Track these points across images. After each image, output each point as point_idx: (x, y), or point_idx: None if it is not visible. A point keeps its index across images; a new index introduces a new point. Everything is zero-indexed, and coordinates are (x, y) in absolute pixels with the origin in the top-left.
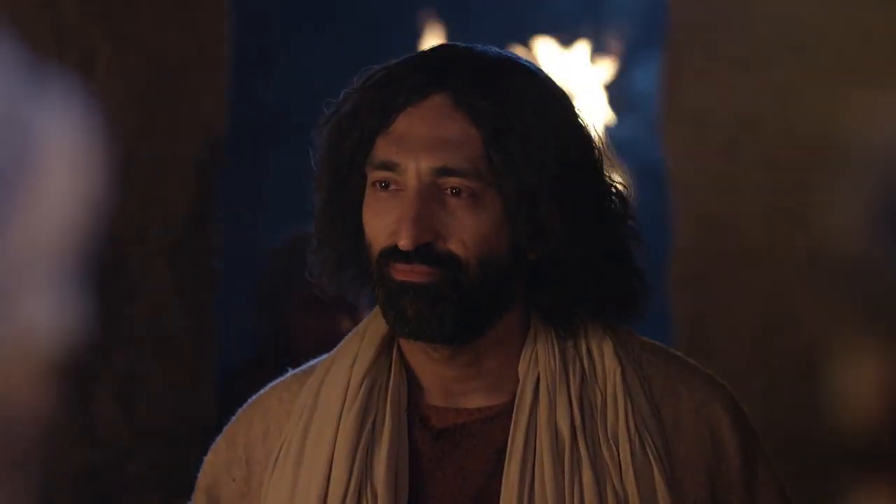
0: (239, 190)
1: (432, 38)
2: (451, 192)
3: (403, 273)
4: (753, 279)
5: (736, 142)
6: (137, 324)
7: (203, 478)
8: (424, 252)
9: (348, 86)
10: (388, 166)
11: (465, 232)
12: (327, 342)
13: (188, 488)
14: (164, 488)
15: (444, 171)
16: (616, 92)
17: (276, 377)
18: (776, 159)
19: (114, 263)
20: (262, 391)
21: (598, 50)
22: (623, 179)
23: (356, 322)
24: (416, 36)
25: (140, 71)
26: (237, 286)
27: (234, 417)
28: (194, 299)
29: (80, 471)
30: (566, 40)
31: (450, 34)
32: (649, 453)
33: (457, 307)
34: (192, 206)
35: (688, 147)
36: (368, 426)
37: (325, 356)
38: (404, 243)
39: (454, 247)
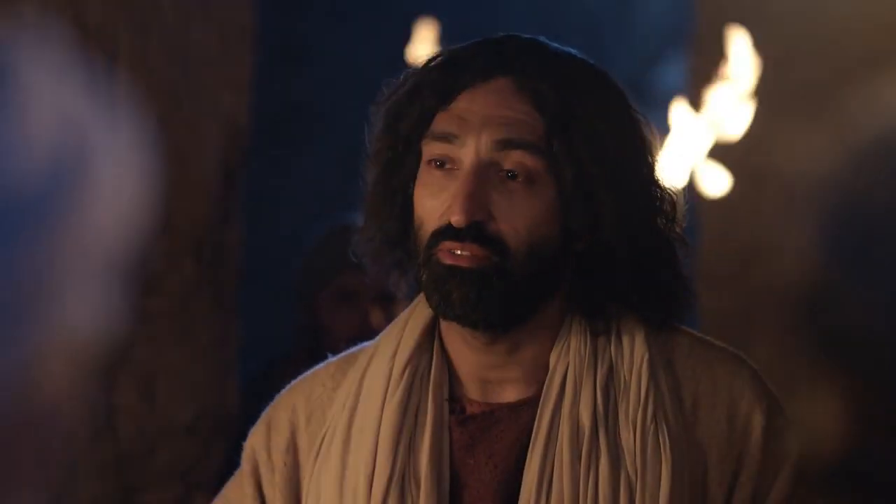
0: (266, 184)
1: (426, 40)
2: (508, 174)
3: (452, 257)
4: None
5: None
6: (161, 318)
7: (246, 462)
8: (476, 231)
9: (375, 81)
10: (447, 137)
11: (518, 216)
12: (360, 336)
13: (211, 481)
14: (187, 481)
15: (507, 144)
16: (644, 88)
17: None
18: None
19: (138, 256)
20: (302, 377)
21: (623, 48)
22: (673, 187)
23: (388, 315)
24: (445, 34)
25: (162, 64)
26: (261, 280)
27: (274, 402)
28: (218, 293)
29: (104, 463)
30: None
31: (453, 33)
32: (661, 441)
33: (502, 294)
34: (216, 199)
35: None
36: (411, 415)
37: (367, 343)
38: (457, 219)
39: (505, 231)
